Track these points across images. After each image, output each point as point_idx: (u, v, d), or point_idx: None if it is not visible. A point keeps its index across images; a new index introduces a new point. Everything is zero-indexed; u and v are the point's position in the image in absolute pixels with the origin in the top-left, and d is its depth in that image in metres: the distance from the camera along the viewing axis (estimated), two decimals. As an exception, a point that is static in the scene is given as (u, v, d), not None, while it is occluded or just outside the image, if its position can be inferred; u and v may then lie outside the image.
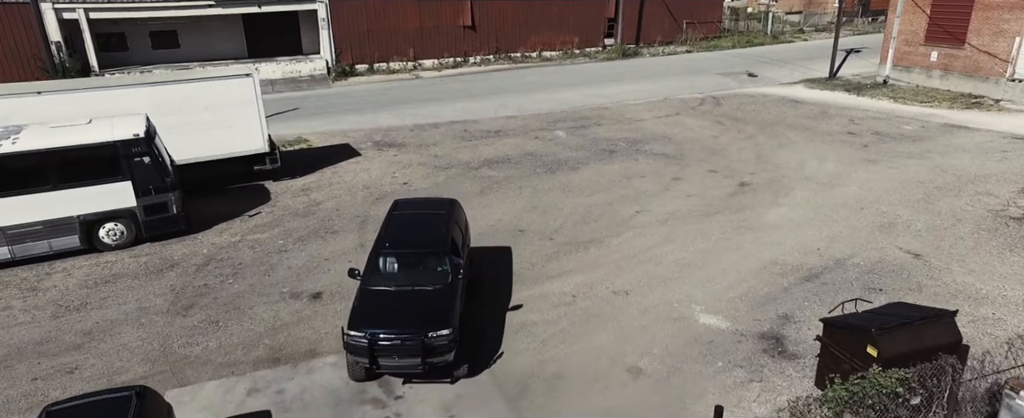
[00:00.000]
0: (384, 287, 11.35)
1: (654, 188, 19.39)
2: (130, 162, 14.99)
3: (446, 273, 11.52)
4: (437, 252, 11.82)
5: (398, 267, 11.79)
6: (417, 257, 11.89)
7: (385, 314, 10.75)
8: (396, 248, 11.99)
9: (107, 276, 14.56)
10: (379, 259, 11.77)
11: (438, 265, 11.65)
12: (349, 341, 10.39)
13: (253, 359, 11.71)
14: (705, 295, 13.55)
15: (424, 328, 10.35)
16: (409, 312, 10.78)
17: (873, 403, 6.38)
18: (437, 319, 10.59)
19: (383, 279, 11.54)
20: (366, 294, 11.22)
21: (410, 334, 10.29)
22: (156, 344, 12.11)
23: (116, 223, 15.37)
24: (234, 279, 14.41)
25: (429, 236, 12.19)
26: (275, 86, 33.50)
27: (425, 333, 10.30)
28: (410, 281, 11.43)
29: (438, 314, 10.71)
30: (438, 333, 10.39)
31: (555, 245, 15.91)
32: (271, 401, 10.65)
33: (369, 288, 11.33)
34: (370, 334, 10.28)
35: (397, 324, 10.50)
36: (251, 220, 17.51)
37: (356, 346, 10.34)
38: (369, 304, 10.98)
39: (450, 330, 10.47)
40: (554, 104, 29.86)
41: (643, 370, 11.34)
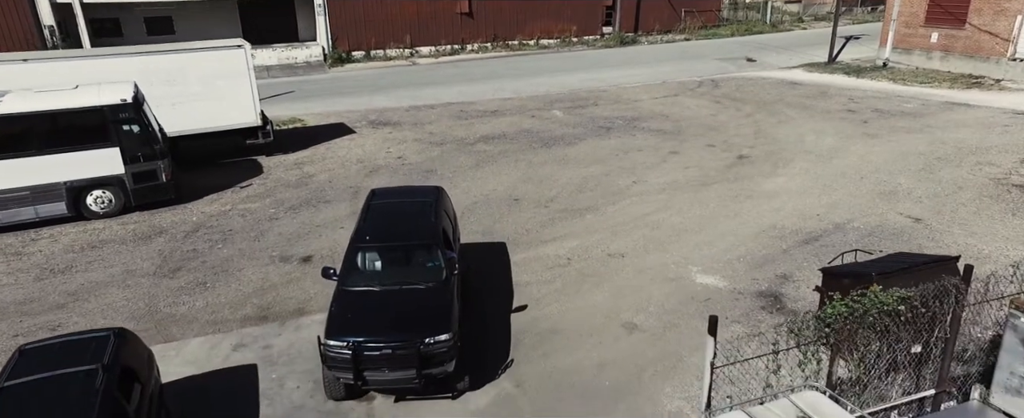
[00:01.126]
0: (367, 287, 9.64)
1: (651, 161, 19.15)
2: (117, 128, 14.75)
3: (439, 269, 9.81)
4: (427, 244, 10.11)
5: (382, 264, 10.13)
6: (404, 251, 10.24)
7: (370, 319, 9.09)
8: (378, 241, 10.24)
9: (94, 242, 14.32)
10: (358, 255, 10.03)
11: (429, 260, 10.00)
12: (328, 353, 8.62)
13: (240, 317, 11.47)
14: (702, 257, 13.30)
15: (419, 333, 8.72)
16: (399, 315, 9.15)
17: (874, 321, 6.12)
18: (434, 322, 8.96)
19: (365, 278, 9.83)
20: (345, 296, 9.43)
21: (403, 341, 8.62)
22: (141, 304, 11.87)
23: (104, 190, 15.12)
24: (223, 244, 14.16)
25: (416, 227, 10.54)
26: (270, 72, 33.27)
27: (421, 339, 8.67)
28: (397, 279, 9.75)
29: (434, 316, 9.09)
30: (436, 339, 8.74)
31: (550, 212, 15.66)
32: (257, 356, 10.41)
33: (348, 289, 9.57)
34: (354, 344, 8.58)
35: (386, 330, 8.87)
36: (243, 191, 17.27)
37: (337, 358, 8.61)
38: (350, 308, 9.25)
39: (450, 335, 8.84)
40: (551, 87, 29.62)
41: (638, 326, 11.10)
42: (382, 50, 37.33)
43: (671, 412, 9.11)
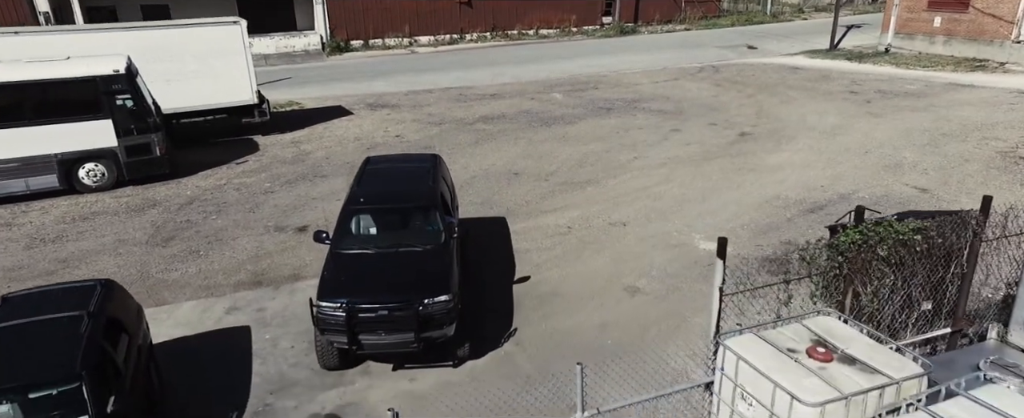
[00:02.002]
0: (361, 250, 9.27)
1: (652, 138, 18.90)
2: (110, 100, 14.49)
3: (438, 232, 9.41)
4: (425, 207, 9.72)
5: (377, 227, 9.74)
6: (401, 214, 9.87)
7: (365, 280, 8.71)
8: (374, 203, 9.84)
9: (86, 213, 14.07)
10: (352, 218, 9.66)
11: (427, 223, 9.61)
12: (320, 314, 8.23)
13: (233, 282, 11.23)
14: (705, 225, 13.05)
15: (418, 294, 8.33)
16: (396, 276, 8.75)
17: (888, 252, 5.86)
18: (432, 283, 8.56)
19: (359, 241, 9.47)
20: (339, 259, 9.06)
21: (401, 302, 8.23)
22: (133, 270, 11.62)
23: (96, 163, 14.87)
24: (218, 215, 13.92)
25: (413, 190, 10.15)
26: (268, 60, 33.03)
27: (419, 300, 8.27)
28: (394, 242, 9.38)
29: (433, 277, 8.69)
30: (435, 300, 8.34)
31: (550, 185, 15.42)
32: (251, 318, 10.17)
33: (342, 252, 9.18)
34: (348, 304, 8.17)
35: (383, 291, 8.47)
36: (238, 167, 17.02)
37: (330, 320, 8.21)
38: (344, 270, 8.88)
39: (450, 296, 8.43)
40: (550, 73, 29.39)
41: (641, 289, 10.85)
42: (381, 39, 37.10)
43: (676, 369, 8.83)
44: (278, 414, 8.15)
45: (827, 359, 4.64)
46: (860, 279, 5.90)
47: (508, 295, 10.69)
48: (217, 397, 8.43)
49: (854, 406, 4.34)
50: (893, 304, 6.14)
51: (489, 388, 8.07)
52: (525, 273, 11.38)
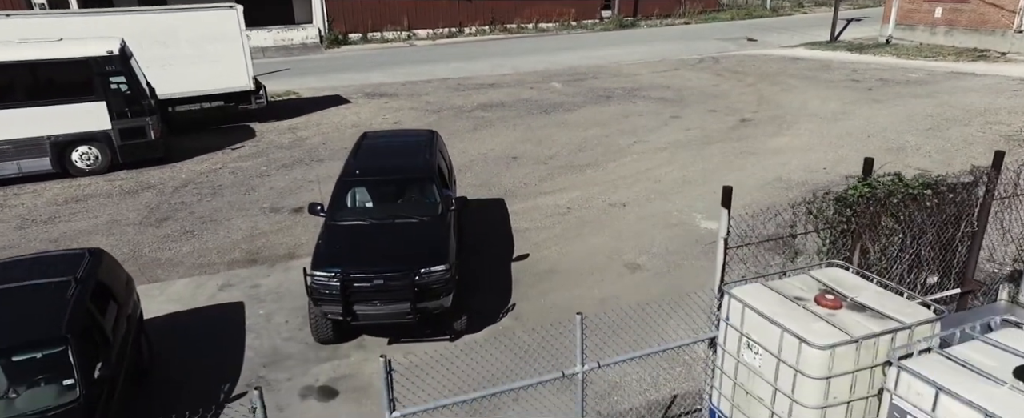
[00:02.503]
0: (357, 221, 9.12)
1: (652, 124, 18.73)
2: (103, 81, 14.31)
3: (435, 203, 9.24)
4: (421, 178, 9.54)
5: (373, 198, 9.57)
6: (397, 185, 9.70)
7: (361, 250, 8.54)
8: (369, 175, 9.65)
9: (79, 196, 13.89)
10: (348, 190, 9.49)
11: (424, 194, 9.45)
12: (315, 284, 8.02)
13: (227, 261, 11.05)
14: (706, 205, 12.87)
15: (414, 263, 8.12)
16: (392, 246, 8.60)
17: (896, 207, 5.69)
18: (429, 252, 8.38)
19: (355, 213, 9.30)
20: (334, 230, 8.92)
21: (396, 271, 8.05)
22: (126, 249, 11.43)
23: (90, 146, 14.68)
24: (213, 197, 13.74)
25: (410, 162, 9.99)
26: (266, 53, 32.84)
27: (416, 269, 8.07)
28: (390, 214, 9.25)
29: (430, 247, 8.52)
30: (432, 269, 8.16)
31: (549, 168, 15.25)
32: (245, 294, 9.99)
33: (337, 223, 9.04)
34: (343, 273, 7.98)
35: (378, 260, 8.29)
36: (234, 152, 16.85)
37: (324, 290, 8.01)
38: (339, 240, 8.72)
39: (446, 266, 8.25)
40: (550, 64, 29.22)
41: (641, 266, 10.67)
42: (379, 33, 36.94)
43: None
44: (271, 386, 7.97)
45: (836, 306, 4.47)
46: (868, 235, 5.73)
47: (506, 272, 10.52)
48: (209, 370, 8.25)
49: (865, 350, 4.17)
50: (902, 263, 5.96)
51: (486, 360, 7.90)
52: (524, 251, 11.21)
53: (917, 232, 5.90)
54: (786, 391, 4.28)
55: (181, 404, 6.68)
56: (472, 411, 7.30)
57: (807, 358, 4.12)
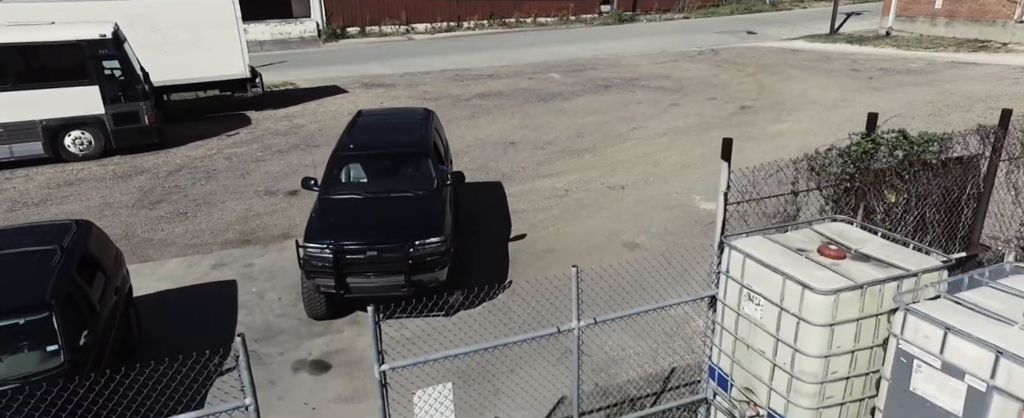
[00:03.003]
0: (351, 195, 9.03)
1: (651, 111, 18.60)
2: (96, 65, 14.15)
3: (430, 177, 9.12)
4: (416, 153, 9.41)
5: (368, 173, 9.42)
6: (392, 159, 9.54)
7: (355, 222, 8.43)
8: (364, 150, 9.51)
9: (71, 180, 13.74)
10: (342, 164, 9.36)
11: (419, 169, 9.33)
12: (308, 256, 7.89)
13: (221, 241, 10.91)
14: (706, 188, 12.71)
15: (408, 235, 8.03)
16: (387, 218, 8.49)
17: (901, 165, 5.54)
18: (423, 224, 8.26)
19: (349, 188, 9.22)
20: (327, 203, 8.81)
21: (390, 243, 7.96)
22: (118, 230, 11.27)
23: (83, 131, 14.52)
24: (207, 181, 13.59)
25: (405, 137, 9.88)
26: (264, 47, 32.67)
27: (410, 241, 7.98)
28: (385, 188, 9.13)
29: (424, 219, 8.40)
30: (426, 241, 8.05)
31: (547, 153, 15.11)
32: (238, 273, 9.86)
33: (331, 197, 8.92)
34: (336, 245, 7.85)
35: (372, 232, 8.15)
36: (229, 138, 16.70)
37: (317, 262, 7.86)
38: (332, 212, 8.61)
39: (441, 238, 8.15)
40: (548, 56, 29.06)
41: (640, 245, 10.53)
42: (377, 27, 36.78)
43: (676, 317, 8.53)
44: (263, 360, 7.83)
45: (839, 256, 4.32)
46: (872, 192, 5.59)
47: (503, 252, 10.38)
48: (199, 345, 8.06)
49: (870, 297, 4.02)
50: (906, 225, 5.82)
51: (482, 334, 7.75)
52: (521, 232, 11.06)
53: (922, 191, 5.76)
54: (788, 341, 4.13)
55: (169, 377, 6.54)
56: (467, 381, 7.15)
57: (810, 305, 3.98)
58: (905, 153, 5.56)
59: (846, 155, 5.66)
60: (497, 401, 7.06)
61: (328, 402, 7.15)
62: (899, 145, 5.60)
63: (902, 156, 5.52)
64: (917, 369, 3.65)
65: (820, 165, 5.66)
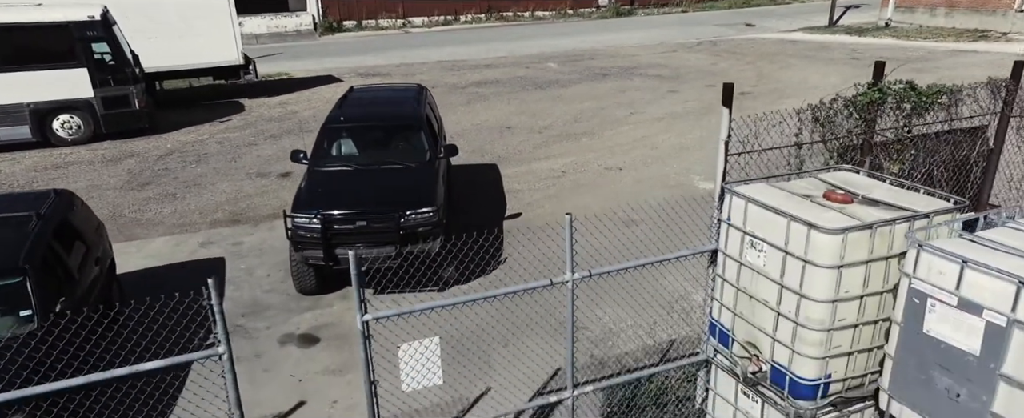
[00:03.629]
0: (341, 167, 8.82)
1: (649, 97, 18.39)
2: (85, 47, 13.92)
3: (423, 149, 8.90)
4: (409, 125, 9.20)
5: (359, 145, 9.17)
6: (384, 132, 9.34)
7: (344, 192, 8.19)
8: (355, 122, 9.31)
9: (59, 163, 13.50)
10: (332, 137, 9.12)
11: (411, 141, 9.08)
12: (295, 226, 7.66)
13: (210, 221, 10.68)
14: (705, 168, 12.49)
15: (399, 205, 7.82)
16: (378, 188, 8.30)
17: (910, 115, 5.33)
18: (415, 194, 8.04)
19: (339, 160, 8.98)
20: (316, 175, 8.59)
21: (381, 213, 7.75)
22: (105, 211, 11.03)
23: (72, 115, 14.28)
24: (198, 164, 13.36)
25: (397, 110, 9.71)
26: (259, 40, 32.43)
27: (401, 211, 7.77)
28: (376, 160, 8.88)
29: (416, 189, 8.18)
30: (418, 211, 7.83)
31: (544, 137, 14.89)
32: (226, 251, 9.64)
33: (320, 169, 8.70)
34: (324, 215, 7.62)
35: (362, 201, 7.93)
36: (222, 124, 16.47)
37: (305, 232, 7.64)
38: (322, 183, 8.39)
39: (433, 208, 7.94)
40: (545, 47, 28.85)
41: (637, 221, 10.26)
42: (374, 20, 36.58)
43: (674, 291, 8.31)
44: (249, 334, 7.60)
45: (846, 201, 4.10)
46: (879, 146, 5.37)
47: (499, 229, 10.15)
48: (183, 319, 7.84)
49: (880, 238, 3.80)
50: (913, 182, 5.58)
51: (475, 309, 7.52)
52: (516, 211, 10.85)
53: (930, 148, 5.54)
54: (793, 287, 3.91)
55: (152, 349, 6.32)
56: (459, 354, 6.93)
57: (817, 246, 3.75)
58: (913, 105, 5.33)
59: (852, 105, 5.44)
60: (490, 372, 6.85)
61: (315, 374, 6.93)
62: (907, 97, 5.38)
63: (910, 109, 5.30)
64: (931, 309, 3.43)
65: (825, 116, 5.44)
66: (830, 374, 4.01)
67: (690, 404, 6.02)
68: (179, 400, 6.33)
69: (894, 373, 3.72)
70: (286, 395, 6.60)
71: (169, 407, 6.38)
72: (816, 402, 4.05)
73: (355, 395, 6.69)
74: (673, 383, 6.51)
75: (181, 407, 6.11)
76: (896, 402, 3.73)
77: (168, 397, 6.36)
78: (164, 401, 6.25)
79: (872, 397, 4.22)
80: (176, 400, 6.38)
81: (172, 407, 6.37)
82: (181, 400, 6.26)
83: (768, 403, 4.31)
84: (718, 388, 4.83)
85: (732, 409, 4.67)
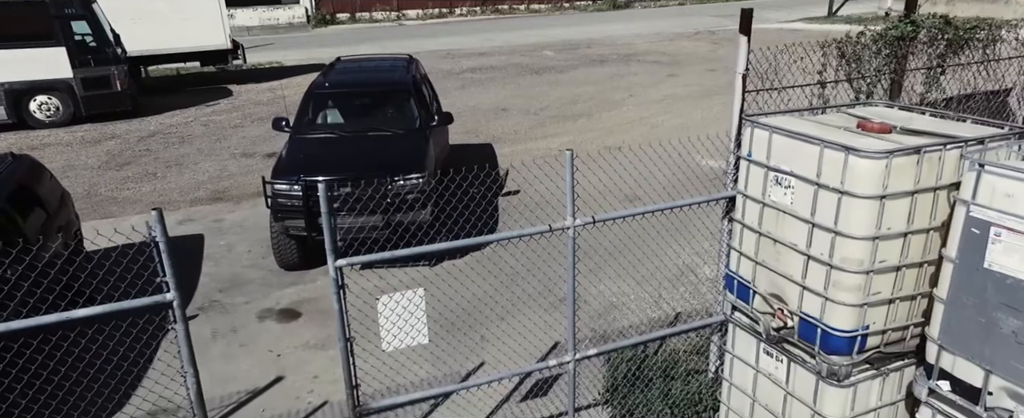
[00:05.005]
0: (326, 134, 8.38)
1: (648, 82, 17.92)
2: (63, 25, 13.39)
3: (412, 117, 8.47)
4: (398, 91, 8.78)
5: (345, 113, 8.73)
6: (371, 98, 8.89)
7: (328, 157, 7.78)
8: (340, 87, 8.94)
9: (35, 145, 12.95)
10: (316, 103, 8.72)
11: (400, 108, 8.63)
12: (275, 194, 7.22)
13: (190, 199, 10.17)
14: (708, 146, 11.99)
15: (387, 170, 7.37)
16: (364, 154, 7.83)
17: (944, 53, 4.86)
18: (404, 160, 7.61)
19: (324, 127, 8.55)
20: (299, 141, 8.17)
21: (367, 178, 7.28)
22: (80, 190, 10.51)
23: (50, 96, 13.75)
24: (181, 145, 12.85)
25: (386, 77, 9.33)
26: (251, 32, 31.91)
27: (389, 177, 7.30)
28: (363, 127, 8.46)
29: (405, 156, 7.75)
30: (406, 177, 7.35)
31: (540, 118, 14.41)
32: (206, 228, 9.12)
33: (303, 136, 8.28)
34: (306, 181, 7.09)
35: (347, 167, 7.43)
36: (208, 108, 15.94)
37: (285, 200, 7.20)
38: (304, 149, 7.95)
39: (423, 174, 7.51)
40: (542, 37, 28.39)
41: (640, 197, 9.79)
42: (367, 13, 36.08)
43: (680, 265, 7.83)
44: (226, 309, 7.09)
45: (885, 130, 3.62)
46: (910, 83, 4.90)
47: (494, 206, 9.67)
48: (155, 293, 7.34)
49: (928, 166, 3.31)
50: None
51: (469, 284, 7.02)
52: (512, 188, 10.35)
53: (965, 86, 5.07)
54: (827, 225, 3.41)
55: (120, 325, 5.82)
56: (453, 330, 6.44)
57: (856, 173, 3.26)
58: (948, 41, 4.87)
59: (881, 39, 4.96)
60: (485, 345, 6.36)
61: (295, 349, 6.41)
62: (941, 31, 4.90)
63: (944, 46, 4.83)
64: (995, 239, 2.95)
65: (852, 52, 4.95)
66: (868, 326, 3.52)
67: (703, 376, 5.53)
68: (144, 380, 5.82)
69: (946, 319, 3.23)
70: (264, 370, 6.09)
71: (133, 388, 5.86)
72: (851, 357, 3.56)
73: (338, 370, 6.19)
74: (682, 356, 6.03)
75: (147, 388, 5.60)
76: (948, 353, 3.24)
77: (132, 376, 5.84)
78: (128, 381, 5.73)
79: (914, 354, 3.73)
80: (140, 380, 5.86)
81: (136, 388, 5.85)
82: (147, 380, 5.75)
83: (795, 362, 3.81)
84: (736, 349, 4.33)
85: (752, 372, 4.17)
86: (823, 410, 3.71)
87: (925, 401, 3.43)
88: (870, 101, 4.62)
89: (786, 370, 3.93)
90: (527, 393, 5.84)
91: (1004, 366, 3.01)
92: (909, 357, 3.78)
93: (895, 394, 3.83)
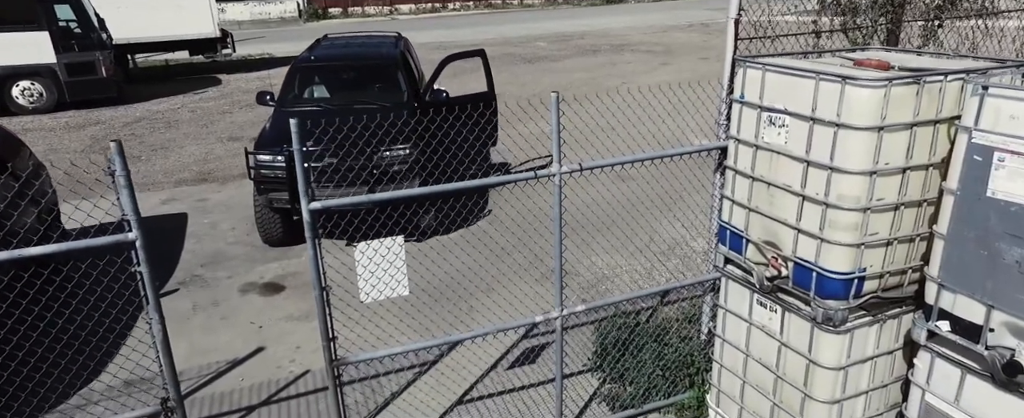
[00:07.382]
0: (311, 108, 8.25)
1: (641, 69, 17.82)
2: (46, 8, 13.18)
3: (400, 91, 8.44)
4: (385, 65, 8.69)
5: (331, 87, 8.66)
6: (358, 72, 8.79)
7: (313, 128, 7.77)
8: (327, 61, 8.87)
9: (17, 131, 12.67)
10: (302, 77, 8.60)
11: (388, 84, 8.56)
12: (259, 165, 7.14)
13: (175, 180, 10.01)
14: (701, 127, 11.87)
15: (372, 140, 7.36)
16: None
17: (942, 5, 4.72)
18: (390, 131, 7.35)
19: (309, 101, 8.45)
20: (284, 115, 8.02)
21: (352, 148, 7.18)
22: (58, 173, 10.27)
23: (33, 81, 13.53)
24: (167, 130, 12.67)
25: (373, 51, 9.19)
26: (242, 26, 31.73)
27: (375, 148, 7.10)
28: (349, 101, 8.32)
29: (391, 127, 7.42)
30: (393, 148, 7.33)
31: (532, 104, 14.22)
32: (190, 207, 8.96)
33: (288, 109, 8.13)
34: (290, 152, 7.38)
35: (331, 137, 7.67)
36: (196, 95, 15.75)
37: (269, 171, 7.13)
38: (288, 122, 8.08)
39: (409, 146, 7.49)
40: (535, 29, 28.32)
41: (632, 176, 9.64)
42: (360, 7, 35.92)
43: (670, 239, 7.70)
44: (208, 284, 6.92)
45: (883, 67, 3.48)
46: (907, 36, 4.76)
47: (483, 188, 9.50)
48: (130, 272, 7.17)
49: (928, 97, 3.17)
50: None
51: (457, 259, 6.87)
52: (500, 162, 10.23)
53: (963, 40, 4.93)
54: (823, 161, 3.27)
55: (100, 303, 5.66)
56: (439, 301, 6.29)
57: (853, 103, 3.12)
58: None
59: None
60: (473, 315, 6.21)
61: (277, 321, 6.25)
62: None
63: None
64: (999, 164, 2.81)
65: (848, 1, 4.81)
66: (865, 268, 3.37)
67: (695, 341, 5.39)
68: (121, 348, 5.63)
69: (947, 255, 3.08)
70: (245, 341, 5.92)
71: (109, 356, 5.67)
72: (848, 302, 3.41)
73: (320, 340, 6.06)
74: (674, 324, 5.90)
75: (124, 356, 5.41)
76: (948, 292, 3.09)
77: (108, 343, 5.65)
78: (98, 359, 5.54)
79: (912, 301, 3.59)
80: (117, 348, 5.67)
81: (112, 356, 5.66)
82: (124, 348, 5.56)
83: (790, 310, 3.66)
84: (729, 304, 4.18)
85: (746, 326, 4.02)
86: (818, 358, 3.56)
87: (924, 345, 3.28)
88: (867, 45, 4.47)
89: (780, 321, 3.78)
90: (514, 361, 5.69)
91: (1007, 299, 2.87)
92: (907, 304, 3.63)
93: (893, 342, 3.69)
